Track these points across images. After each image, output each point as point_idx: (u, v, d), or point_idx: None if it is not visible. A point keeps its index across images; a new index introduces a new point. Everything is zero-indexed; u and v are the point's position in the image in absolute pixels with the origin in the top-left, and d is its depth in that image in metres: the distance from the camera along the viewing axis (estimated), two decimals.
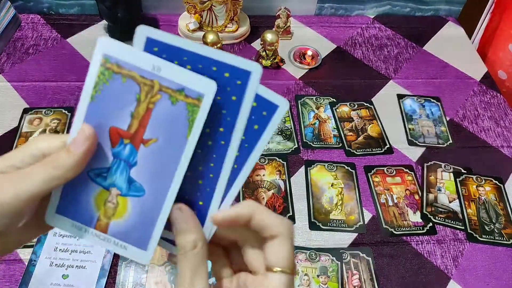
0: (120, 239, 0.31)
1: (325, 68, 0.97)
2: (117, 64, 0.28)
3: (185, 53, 0.28)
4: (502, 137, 0.85)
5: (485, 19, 1.05)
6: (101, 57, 0.29)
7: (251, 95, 0.28)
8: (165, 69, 0.28)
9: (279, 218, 0.30)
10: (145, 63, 0.28)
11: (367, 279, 0.64)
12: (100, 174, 0.30)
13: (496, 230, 0.71)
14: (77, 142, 0.28)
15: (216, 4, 0.93)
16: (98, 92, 0.29)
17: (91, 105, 0.29)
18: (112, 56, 0.28)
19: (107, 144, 0.30)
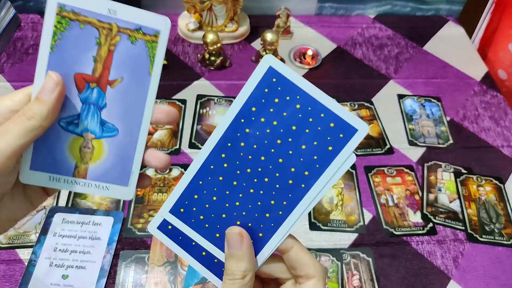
0: (101, 181, 0.32)
1: (325, 68, 0.97)
2: (73, 11, 0.29)
3: (300, 92, 0.29)
4: (502, 137, 0.85)
5: (485, 19, 1.05)
6: (56, 6, 0.29)
7: (348, 151, 0.28)
8: (120, 11, 0.29)
9: (315, 259, 0.30)
10: (100, 8, 0.29)
11: (367, 280, 0.64)
12: (72, 122, 0.31)
13: (496, 230, 0.70)
14: (46, 89, 0.29)
15: (216, 3, 0.93)
16: (58, 41, 0.30)
17: (51, 55, 0.30)
18: (67, 4, 0.29)
19: (74, 91, 0.30)
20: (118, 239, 0.66)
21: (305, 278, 0.29)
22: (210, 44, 0.89)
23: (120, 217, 0.68)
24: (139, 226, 0.68)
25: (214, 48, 0.89)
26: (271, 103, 0.29)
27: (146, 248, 0.65)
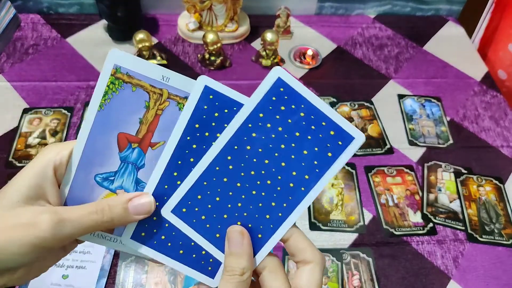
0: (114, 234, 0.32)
1: (325, 68, 0.96)
2: (128, 74, 0.31)
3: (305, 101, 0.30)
4: (502, 137, 0.85)
5: (485, 19, 1.05)
6: (112, 67, 0.30)
7: (346, 158, 0.31)
8: (173, 79, 0.31)
9: (313, 246, 0.31)
10: (155, 74, 0.31)
11: (367, 280, 0.64)
12: (107, 178, 0.32)
13: (496, 230, 0.70)
14: (138, 210, 0.30)
15: (216, 3, 0.93)
16: (108, 100, 0.31)
17: (99, 114, 0.31)
18: (123, 67, 0.30)
19: (115, 149, 0.31)
20: None
21: (302, 263, 0.30)
22: (210, 44, 0.89)
23: None
24: None
25: (214, 48, 0.89)
26: (277, 110, 0.31)
27: None
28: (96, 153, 0.31)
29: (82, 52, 0.95)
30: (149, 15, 1.05)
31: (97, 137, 0.31)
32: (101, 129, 0.31)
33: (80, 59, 0.93)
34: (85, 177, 0.31)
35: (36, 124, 0.80)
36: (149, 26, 1.01)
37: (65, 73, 0.90)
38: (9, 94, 0.86)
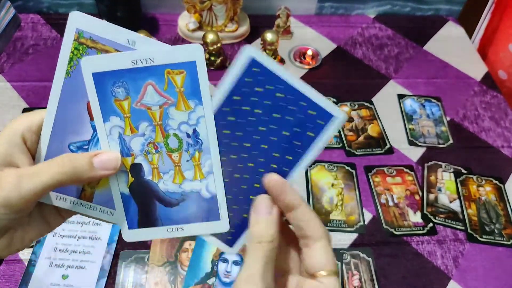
0: (107, 206, 0.32)
1: (325, 68, 0.96)
2: (91, 38, 0.29)
3: (282, 82, 0.29)
4: (502, 137, 0.85)
5: (485, 19, 1.05)
6: (75, 32, 0.29)
7: (327, 137, 0.30)
8: (139, 42, 0.29)
9: (320, 221, 0.30)
10: (120, 37, 0.29)
11: (367, 280, 0.64)
12: (81, 147, 0.31)
13: (496, 230, 0.70)
14: (105, 165, 0.29)
15: (216, 3, 0.93)
16: (73, 67, 0.30)
17: (66, 81, 0.30)
18: (86, 31, 0.29)
19: (86, 118, 0.31)
20: (118, 239, 0.66)
21: (312, 240, 0.29)
22: (210, 44, 0.89)
23: None
24: None
25: (214, 48, 0.89)
26: (253, 92, 0.30)
27: (146, 248, 0.65)
28: (68, 122, 0.31)
29: None
30: (149, 15, 1.05)
31: (67, 106, 0.30)
32: (70, 97, 0.30)
33: None
34: (59, 146, 0.31)
35: None
36: (149, 26, 1.01)
37: None
38: (9, 94, 0.86)
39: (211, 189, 0.31)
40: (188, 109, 0.30)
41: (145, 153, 0.31)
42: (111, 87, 0.29)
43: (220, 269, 0.63)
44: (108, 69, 0.29)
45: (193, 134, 0.30)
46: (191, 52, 0.28)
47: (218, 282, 0.62)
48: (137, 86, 0.29)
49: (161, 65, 0.29)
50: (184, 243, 0.66)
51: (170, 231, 0.32)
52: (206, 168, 0.31)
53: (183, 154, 0.31)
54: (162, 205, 0.32)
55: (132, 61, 0.28)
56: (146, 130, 0.30)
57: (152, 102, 0.29)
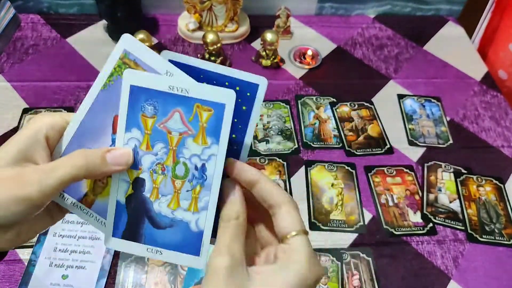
0: (102, 216, 0.33)
1: (325, 68, 0.96)
2: (135, 61, 0.32)
3: (201, 71, 0.32)
4: (502, 137, 0.85)
5: (486, 19, 1.05)
6: (122, 51, 0.32)
7: (259, 104, 0.32)
8: (177, 75, 0.31)
9: (282, 189, 0.32)
10: (160, 67, 0.31)
11: (367, 280, 0.64)
12: None
13: (496, 230, 0.70)
14: (117, 160, 0.31)
15: (216, 4, 0.93)
16: (111, 82, 0.32)
17: (101, 92, 0.32)
18: (132, 53, 0.31)
19: (109, 130, 0.32)
20: None
21: (277, 207, 0.31)
22: (210, 44, 0.89)
23: None
24: None
25: (214, 48, 0.89)
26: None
27: None
28: (91, 130, 0.32)
29: (82, 52, 0.95)
30: (149, 15, 1.05)
31: (96, 115, 0.32)
32: (101, 108, 0.32)
33: (80, 59, 0.93)
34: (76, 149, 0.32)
35: None
36: (149, 26, 1.01)
37: (65, 73, 0.90)
38: (9, 94, 0.86)
39: (200, 224, 0.32)
40: (204, 144, 0.31)
41: (152, 171, 0.32)
42: (143, 103, 0.31)
43: None
44: (146, 86, 0.30)
45: (201, 168, 0.31)
46: (224, 96, 0.30)
47: None
48: (166, 109, 0.31)
49: (193, 98, 0.30)
50: None
51: (150, 251, 0.33)
52: (201, 204, 0.32)
53: (185, 183, 0.32)
54: (150, 225, 0.32)
55: (169, 86, 0.30)
56: (160, 151, 0.31)
57: (174, 127, 0.31)
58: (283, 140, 0.81)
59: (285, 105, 0.87)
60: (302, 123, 0.84)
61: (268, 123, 0.84)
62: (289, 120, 0.85)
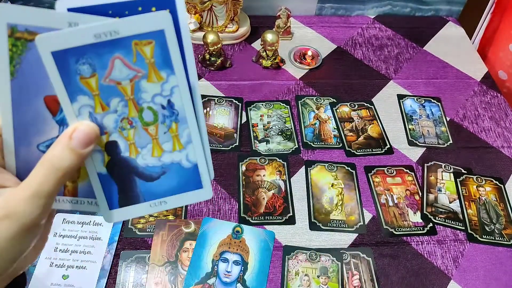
0: (93, 197, 0.31)
1: (325, 68, 0.97)
2: (28, 30, 0.26)
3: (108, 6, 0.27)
4: (502, 138, 0.85)
5: (486, 19, 1.05)
6: (6, 27, 0.26)
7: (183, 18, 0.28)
8: (83, 22, 0.26)
9: None
10: (59, 22, 0.26)
11: (367, 280, 0.64)
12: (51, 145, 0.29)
13: (496, 230, 0.70)
14: (85, 141, 0.28)
15: (217, 4, 0.93)
16: (17, 66, 0.27)
17: (14, 82, 0.27)
18: (20, 24, 0.26)
19: (48, 115, 0.29)
20: (118, 239, 0.66)
21: None
22: (211, 45, 0.89)
23: None
24: (140, 226, 0.68)
25: (215, 48, 0.90)
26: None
27: (147, 248, 0.65)
28: (29, 124, 0.29)
29: None
30: None
31: (23, 108, 0.28)
32: (23, 98, 0.28)
33: None
34: (27, 150, 0.29)
35: None
36: None
37: None
38: None
39: (191, 158, 0.30)
40: (160, 80, 0.28)
41: (120, 129, 0.29)
42: (75, 65, 0.27)
43: (221, 269, 0.64)
44: (69, 46, 0.26)
45: (168, 105, 0.29)
46: (159, 21, 0.27)
47: (218, 282, 0.62)
48: (103, 61, 0.27)
49: (127, 37, 0.27)
50: (184, 243, 0.66)
51: (153, 205, 0.31)
52: (184, 138, 0.30)
53: (159, 127, 0.29)
54: (143, 180, 0.31)
55: (95, 34, 0.26)
56: (118, 106, 0.28)
57: (121, 76, 0.28)
58: (283, 140, 0.82)
59: (285, 106, 0.87)
60: (302, 123, 0.85)
61: (269, 123, 0.84)
62: (289, 120, 0.85)
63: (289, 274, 0.64)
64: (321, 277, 0.64)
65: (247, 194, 0.73)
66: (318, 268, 0.65)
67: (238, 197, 0.72)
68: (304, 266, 0.65)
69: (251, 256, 0.65)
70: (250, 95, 0.88)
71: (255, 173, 0.76)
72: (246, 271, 0.64)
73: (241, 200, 0.72)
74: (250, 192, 0.73)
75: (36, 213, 0.26)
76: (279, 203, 0.72)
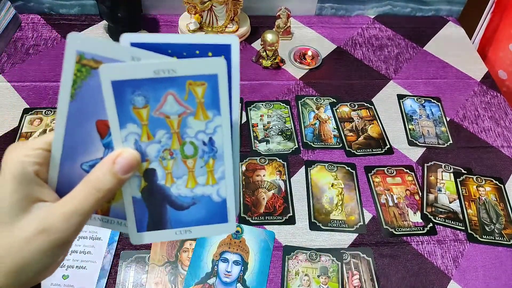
0: (123, 218, 0.33)
1: (325, 69, 0.97)
2: (94, 59, 0.29)
3: (168, 46, 0.30)
4: (502, 137, 0.85)
5: (486, 19, 1.05)
6: (75, 54, 0.29)
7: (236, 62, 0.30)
8: (144, 58, 0.29)
9: None
10: (123, 55, 0.29)
11: (367, 280, 0.64)
12: (94, 166, 0.31)
13: (496, 230, 0.70)
14: (127, 168, 0.29)
15: (217, 4, 0.93)
16: (78, 89, 0.30)
17: (72, 104, 0.30)
18: (87, 52, 0.29)
19: (96, 137, 0.31)
20: (118, 239, 0.66)
21: None
22: None
23: None
24: None
25: None
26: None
27: (147, 248, 0.65)
28: (77, 144, 0.31)
29: None
30: (149, 16, 1.05)
31: (75, 129, 0.30)
32: (78, 120, 0.30)
33: None
34: (71, 168, 0.31)
35: (36, 125, 0.80)
36: (150, 27, 1.01)
37: None
38: (10, 94, 0.86)
39: (221, 193, 0.32)
40: (206, 119, 0.30)
41: (160, 159, 0.31)
42: (130, 96, 0.29)
43: (221, 269, 0.64)
44: (129, 77, 0.28)
45: (209, 142, 0.31)
46: (214, 65, 0.29)
47: (219, 282, 0.62)
48: (157, 96, 0.29)
49: (183, 76, 0.29)
50: (184, 243, 0.66)
51: (178, 233, 0.33)
52: (218, 174, 0.32)
53: (197, 161, 0.31)
54: (173, 209, 0.32)
55: (154, 71, 0.28)
56: (163, 138, 0.30)
57: (171, 111, 0.30)
58: (284, 140, 0.82)
59: (285, 106, 0.87)
60: (302, 123, 0.85)
61: (269, 123, 0.84)
62: (289, 120, 0.85)
63: (289, 274, 0.64)
64: (321, 277, 0.64)
65: (247, 194, 0.73)
66: (318, 268, 0.65)
67: None
68: (304, 266, 0.65)
69: (251, 256, 0.65)
70: (250, 95, 0.88)
71: (255, 173, 0.76)
72: (246, 271, 0.64)
73: (241, 200, 0.72)
74: (250, 192, 0.73)
75: (71, 230, 0.28)
76: (279, 203, 0.72)
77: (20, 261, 0.27)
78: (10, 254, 0.27)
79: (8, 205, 0.28)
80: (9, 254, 0.27)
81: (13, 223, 0.27)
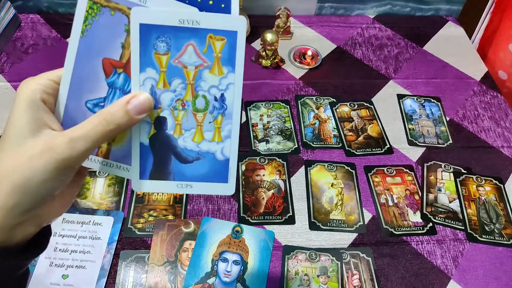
0: (123, 162, 0.33)
1: (325, 68, 0.97)
2: None
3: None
4: (502, 137, 0.85)
5: (486, 19, 1.05)
6: None
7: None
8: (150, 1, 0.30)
9: None
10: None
11: (367, 279, 0.64)
12: (97, 104, 0.32)
13: (496, 230, 0.70)
14: (139, 109, 0.30)
15: None
16: (88, 26, 0.31)
17: (82, 40, 0.31)
18: None
19: (102, 75, 0.32)
20: (118, 238, 0.66)
21: None
22: None
23: (120, 217, 0.68)
24: (139, 226, 0.68)
25: None
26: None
27: (146, 247, 0.65)
28: (84, 80, 0.32)
29: None
30: None
31: (83, 64, 0.31)
32: (86, 56, 0.31)
33: None
34: (76, 104, 0.32)
35: None
36: None
37: None
38: (9, 94, 0.86)
39: (225, 152, 0.33)
40: (220, 74, 0.31)
41: (172, 108, 0.32)
42: (154, 41, 0.30)
43: (220, 268, 0.64)
44: (156, 22, 0.29)
45: (220, 98, 0.32)
46: (236, 23, 0.30)
47: (218, 282, 0.62)
48: (178, 44, 0.30)
49: (205, 29, 0.30)
50: (184, 243, 0.66)
51: (180, 186, 0.33)
52: (225, 132, 0.32)
53: (207, 116, 0.32)
54: (177, 161, 0.33)
55: (179, 20, 0.30)
56: (178, 87, 0.31)
57: (189, 61, 0.31)
58: (283, 140, 0.81)
59: (285, 105, 0.87)
60: (302, 123, 0.85)
61: (268, 123, 0.84)
62: (289, 120, 0.85)
63: (289, 274, 0.64)
64: (321, 276, 0.64)
65: (246, 194, 0.73)
66: (318, 267, 0.65)
67: (237, 197, 0.72)
68: (304, 265, 0.65)
69: (251, 255, 0.65)
70: (250, 95, 0.88)
71: (255, 173, 0.76)
72: (246, 271, 0.64)
73: (240, 200, 0.72)
74: (249, 191, 0.73)
75: (75, 154, 0.29)
76: (279, 203, 0.72)
77: (25, 176, 0.28)
78: (15, 171, 0.28)
79: (18, 127, 0.29)
80: (14, 171, 0.28)
81: (21, 144, 0.29)
